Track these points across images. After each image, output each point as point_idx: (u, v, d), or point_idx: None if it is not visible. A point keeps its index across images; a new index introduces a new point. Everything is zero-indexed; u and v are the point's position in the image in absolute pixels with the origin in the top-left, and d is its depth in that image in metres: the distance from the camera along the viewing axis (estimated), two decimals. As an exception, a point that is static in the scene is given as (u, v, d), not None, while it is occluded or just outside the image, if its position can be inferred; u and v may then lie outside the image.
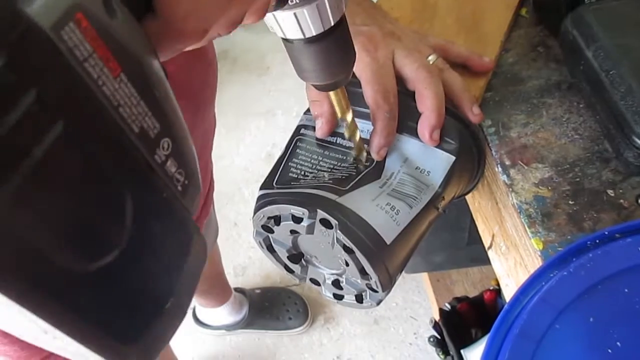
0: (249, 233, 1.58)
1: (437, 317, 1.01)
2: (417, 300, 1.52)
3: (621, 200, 0.47)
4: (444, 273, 1.30)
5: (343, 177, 0.47)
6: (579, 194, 0.48)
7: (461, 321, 0.96)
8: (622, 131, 0.46)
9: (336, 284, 0.48)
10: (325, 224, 0.44)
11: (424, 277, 1.35)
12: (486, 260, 0.59)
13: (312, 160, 0.49)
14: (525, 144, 0.52)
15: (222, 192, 1.77)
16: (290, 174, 0.49)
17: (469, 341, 0.89)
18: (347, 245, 0.43)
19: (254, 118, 1.98)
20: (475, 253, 1.06)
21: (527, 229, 0.47)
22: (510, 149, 0.52)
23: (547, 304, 0.40)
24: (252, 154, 1.89)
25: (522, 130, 0.53)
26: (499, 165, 0.51)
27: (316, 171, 0.48)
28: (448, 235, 1.06)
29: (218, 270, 1.34)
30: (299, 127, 0.53)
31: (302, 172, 0.49)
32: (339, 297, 0.49)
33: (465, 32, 0.60)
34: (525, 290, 0.43)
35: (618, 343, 0.39)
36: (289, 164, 0.50)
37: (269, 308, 1.50)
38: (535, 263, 0.47)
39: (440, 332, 0.96)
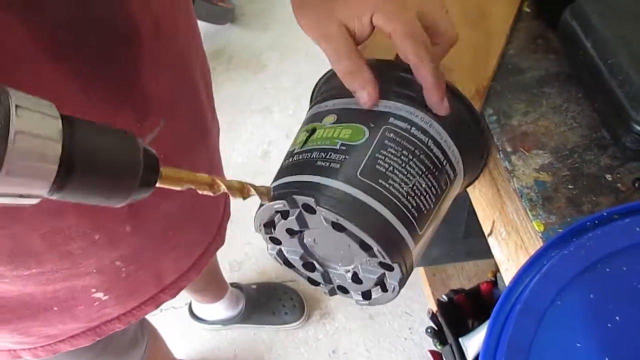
0: (245, 229, 1.59)
1: (434, 309, 1.03)
2: (412, 295, 1.54)
3: (619, 185, 0.49)
4: (440, 267, 1.31)
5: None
6: (578, 179, 0.50)
7: (458, 312, 0.97)
8: (619, 118, 0.47)
9: (355, 278, 0.46)
10: (308, 209, 0.42)
11: (420, 271, 1.37)
12: (482, 255, 0.61)
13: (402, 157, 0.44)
14: (525, 131, 0.54)
15: (218, 188, 1.77)
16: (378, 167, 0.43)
17: (465, 331, 0.91)
18: (333, 218, 0.41)
19: (250, 115, 1.99)
20: (471, 247, 1.08)
21: (528, 212, 0.49)
22: (512, 136, 0.54)
23: (549, 281, 0.42)
24: (249, 151, 1.90)
25: (522, 118, 0.55)
26: (500, 152, 0.53)
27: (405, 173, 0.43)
28: (444, 229, 1.07)
29: (214, 267, 1.35)
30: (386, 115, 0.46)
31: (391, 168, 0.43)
32: (367, 296, 0.47)
33: (470, 26, 0.61)
34: (527, 269, 0.45)
35: (617, 318, 0.40)
36: (376, 155, 0.43)
37: (265, 303, 1.51)
38: (536, 245, 0.48)
39: (437, 323, 0.97)
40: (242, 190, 0.39)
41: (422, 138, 0.45)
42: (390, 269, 0.43)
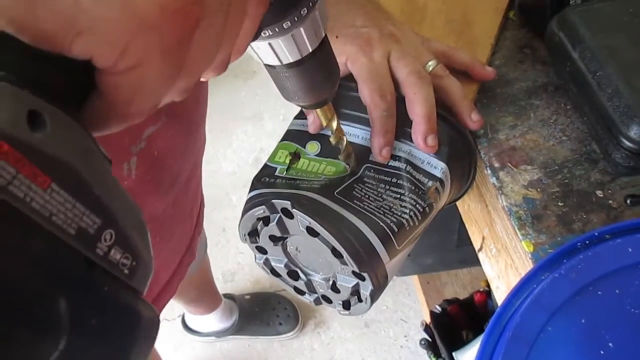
0: (238, 239, 1.57)
1: (427, 320, 1.01)
2: (407, 302, 1.52)
3: (610, 201, 0.47)
4: (434, 275, 1.30)
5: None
6: (568, 195, 0.48)
7: (452, 323, 0.96)
8: (609, 132, 0.46)
9: (334, 287, 0.47)
10: (287, 213, 0.44)
11: (414, 279, 1.35)
12: (475, 262, 0.59)
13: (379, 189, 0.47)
14: (513, 146, 0.52)
15: (209, 197, 1.76)
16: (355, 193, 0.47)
17: (460, 343, 0.90)
18: (307, 222, 0.42)
19: (241, 123, 1.98)
20: (464, 255, 1.07)
21: (517, 231, 0.47)
22: (499, 151, 0.52)
23: (539, 306, 0.40)
24: (240, 159, 1.88)
25: (510, 132, 0.53)
26: (488, 168, 0.51)
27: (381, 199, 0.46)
28: (438, 237, 1.06)
29: (207, 278, 1.33)
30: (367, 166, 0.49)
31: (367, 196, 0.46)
32: (347, 306, 0.48)
33: (455, 35, 0.60)
34: (517, 293, 0.43)
35: (610, 344, 0.39)
36: (354, 185, 0.47)
37: (259, 313, 1.50)
38: (526, 265, 0.47)
39: (431, 335, 0.96)
40: (341, 137, 0.46)
41: (400, 166, 0.48)
42: (362, 278, 0.44)
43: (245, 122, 1.98)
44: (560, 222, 0.47)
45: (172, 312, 1.57)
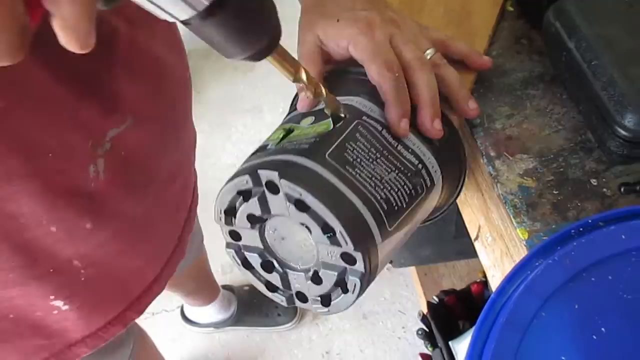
0: (237, 230, 1.57)
1: (425, 311, 1.02)
2: (405, 294, 1.53)
3: (604, 189, 0.47)
4: (432, 267, 1.30)
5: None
6: (563, 184, 0.48)
7: (449, 313, 0.96)
8: (604, 121, 0.46)
9: (315, 277, 0.43)
10: (272, 188, 0.40)
11: (412, 271, 1.36)
12: (473, 254, 0.60)
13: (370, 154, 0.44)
14: (509, 135, 0.52)
15: (209, 190, 1.76)
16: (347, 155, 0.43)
17: (456, 333, 0.90)
18: (297, 194, 0.39)
19: (241, 115, 1.98)
20: (462, 246, 1.07)
21: (512, 219, 0.48)
22: (495, 140, 0.52)
23: (533, 292, 0.41)
24: (239, 151, 1.88)
25: (506, 121, 0.53)
26: (484, 157, 0.52)
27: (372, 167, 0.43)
28: (435, 229, 1.06)
29: (205, 270, 1.34)
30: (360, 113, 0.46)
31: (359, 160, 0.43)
32: (326, 301, 0.44)
33: (454, 25, 0.60)
34: (511, 279, 0.44)
35: (603, 329, 0.39)
36: (346, 144, 0.43)
37: (258, 305, 1.50)
38: (520, 253, 0.47)
39: (428, 325, 0.96)
40: (317, 87, 0.42)
41: (392, 142, 0.45)
42: (353, 261, 0.40)
43: (245, 115, 1.98)
44: (555, 210, 0.47)
45: (171, 303, 1.58)
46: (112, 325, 0.62)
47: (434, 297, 1.01)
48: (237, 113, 1.98)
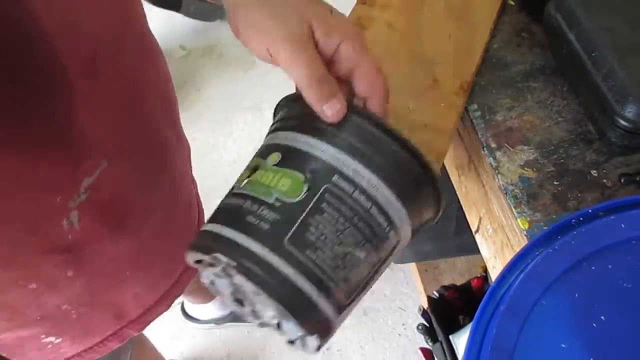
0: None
1: (425, 306, 1.02)
2: (406, 291, 1.53)
3: (604, 180, 0.48)
4: (432, 263, 1.31)
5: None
6: (564, 175, 0.49)
7: (449, 308, 0.97)
8: (604, 112, 0.46)
9: (279, 327, 0.42)
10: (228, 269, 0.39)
11: (412, 267, 1.36)
12: (473, 250, 0.60)
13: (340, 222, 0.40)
14: (510, 127, 0.53)
15: (211, 187, 1.76)
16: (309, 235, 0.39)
17: (457, 327, 0.90)
18: (249, 290, 0.39)
19: (241, 112, 1.98)
20: (462, 243, 1.07)
21: (513, 209, 0.48)
22: (496, 132, 0.53)
23: (533, 280, 0.41)
24: (240, 148, 1.88)
25: (507, 113, 0.54)
26: (485, 149, 0.52)
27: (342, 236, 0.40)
28: (435, 226, 1.06)
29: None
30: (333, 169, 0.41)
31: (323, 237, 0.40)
32: (292, 343, 0.43)
33: (454, 20, 0.60)
34: (511, 268, 0.44)
35: (602, 317, 0.39)
36: (309, 220, 0.39)
37: (258, 301, 1.50)
38: (521, 243, 0.48)
39: (428, 320, 0.97)
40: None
41: (365, 204, 0.40)
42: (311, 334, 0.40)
43: (245, 112, 1.98)
44: (555, 200, 0.48)
45: (172, 299, 1.58)
46: (108, 341, 0.61)
47: (434, 292, 1.01)
48: (238, 110, 1.98)
